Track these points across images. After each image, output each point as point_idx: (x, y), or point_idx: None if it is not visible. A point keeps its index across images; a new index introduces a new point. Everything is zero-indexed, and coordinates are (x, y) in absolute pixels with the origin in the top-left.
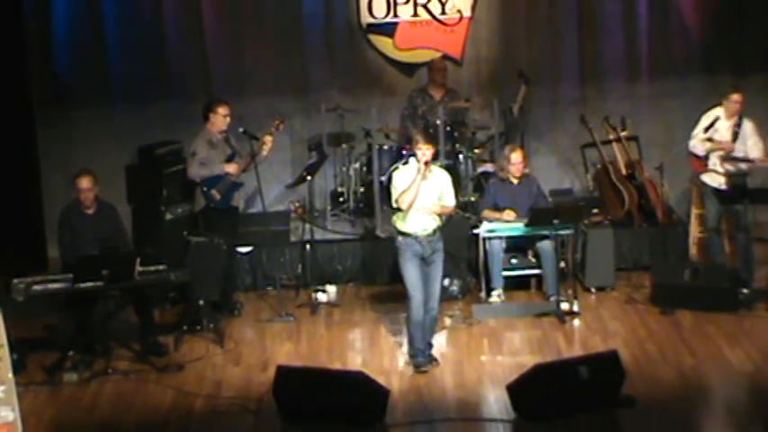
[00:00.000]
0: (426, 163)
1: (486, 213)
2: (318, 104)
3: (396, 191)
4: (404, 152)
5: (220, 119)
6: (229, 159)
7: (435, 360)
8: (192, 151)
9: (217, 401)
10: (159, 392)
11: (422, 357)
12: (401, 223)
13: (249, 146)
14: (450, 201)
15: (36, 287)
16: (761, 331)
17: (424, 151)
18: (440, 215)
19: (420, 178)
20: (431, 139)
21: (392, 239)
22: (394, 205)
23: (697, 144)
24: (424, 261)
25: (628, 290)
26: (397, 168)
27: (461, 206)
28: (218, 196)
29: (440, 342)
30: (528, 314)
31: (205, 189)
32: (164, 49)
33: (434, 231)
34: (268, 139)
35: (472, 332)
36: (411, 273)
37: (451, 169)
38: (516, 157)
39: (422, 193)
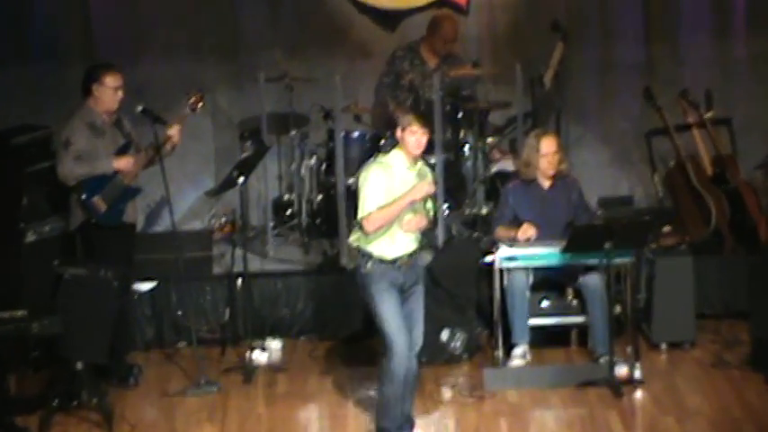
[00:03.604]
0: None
1: (500, 232)
2: (255, 71)
3: (368, 200)
4: (383, 142)
5: (108, 93)
6: (121, 152)
7: None
8: (66, 139)
9: None
10: None
11: None
12: (374, 243)
13: (152, 133)
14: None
15: None
16: None
17: (419, 137)
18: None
19: (409, 202)
20: (427, 121)
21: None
22: (365, 225)
23: None
24: (402, 294)
25: (715, 347)
26: (377, 162)
27: (468, 222)
28: (103, 207)
29: (435, 423)
30: (567, 383)
31: (84, 196)
32: None
33: (414, 253)
34: (176, 127)
35: (483, 409)
36: (391, 309)
37: (454, 167)
38: (548, 146)
39: (413, 207)
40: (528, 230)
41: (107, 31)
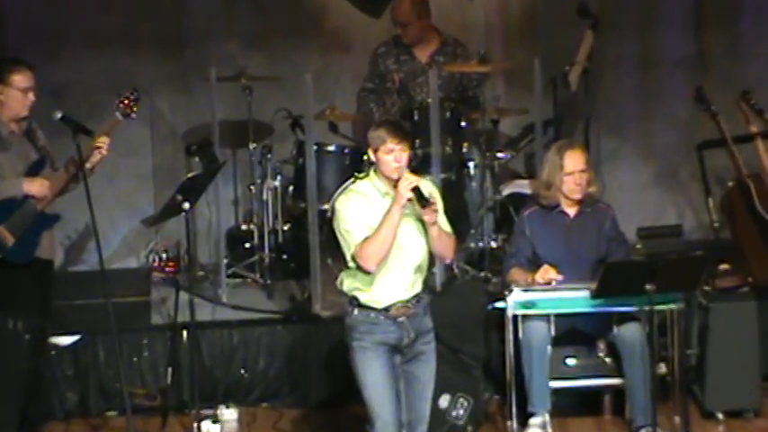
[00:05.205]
0: (414, 190)
1: (515, 275)
2: (204, 69)
3: (351, 236)
4: (365, 159)
5: (16, 95)
6: (34, 170)
7: None
8: None
9: None
10: None
11: None
12: (360, 288)
13: (73, 146)
14: (446, 225)
15: None
16: None
17: (398, 154)
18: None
19: (398, 212)
20: (404, 132)
21: (340, 318)
22: (350, 264)
23: None
24: (401, 354)
25: None
26: (345, 191)
27: (473, 258)
28: (10, 239)
29: None
30: None
31: None
32: None
33: (418, 298)
34: (104, 139)
35: None
36: (377, 377)
37: (455, 190)
38: (574, 162)
39: (404, 233)
40: (548, 272)
41: (19, 17)
